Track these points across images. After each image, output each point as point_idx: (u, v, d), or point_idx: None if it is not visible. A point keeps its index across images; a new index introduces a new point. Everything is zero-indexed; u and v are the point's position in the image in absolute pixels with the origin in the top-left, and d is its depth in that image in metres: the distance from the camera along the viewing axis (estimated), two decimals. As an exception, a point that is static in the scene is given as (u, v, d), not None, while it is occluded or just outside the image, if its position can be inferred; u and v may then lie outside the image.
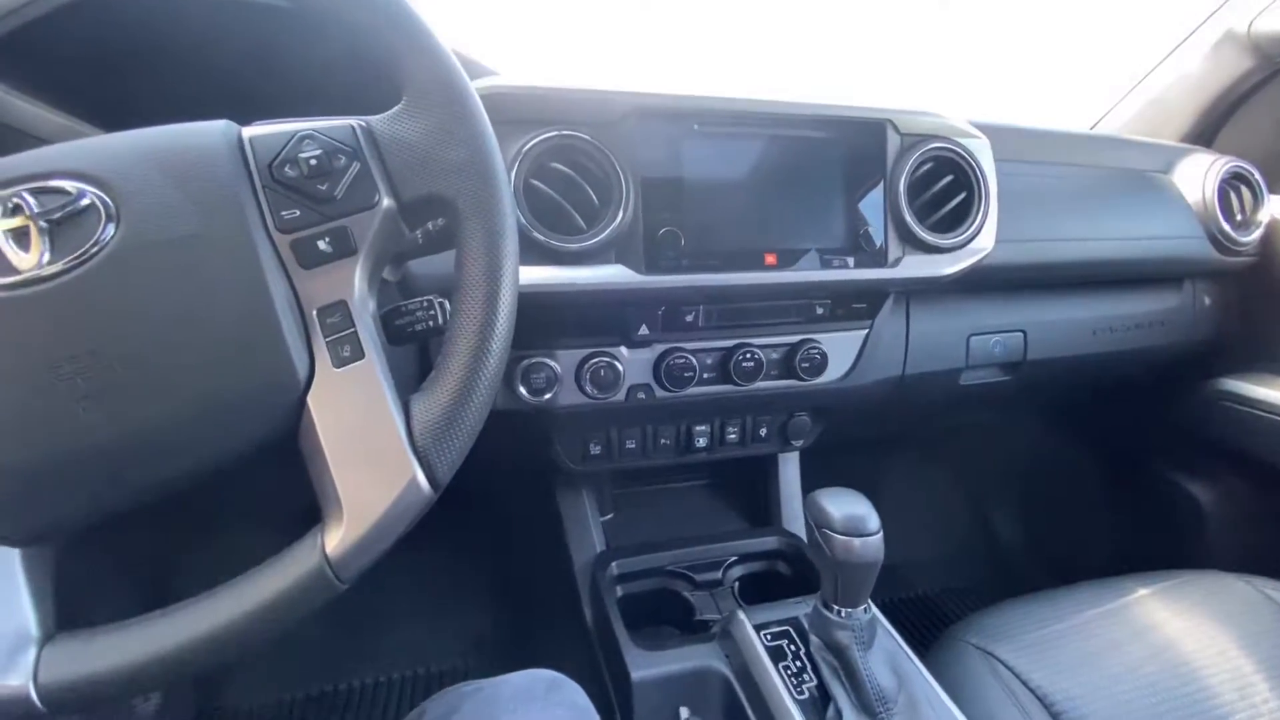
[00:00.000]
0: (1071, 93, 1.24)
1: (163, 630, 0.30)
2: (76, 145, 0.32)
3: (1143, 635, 0.66)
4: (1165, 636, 0.66)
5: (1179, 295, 0.91)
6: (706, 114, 0.58)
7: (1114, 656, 0.63)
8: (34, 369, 0.29)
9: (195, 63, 0.53)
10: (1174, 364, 0.94)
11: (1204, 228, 0.85)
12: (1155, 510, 1.06)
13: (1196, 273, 0.90)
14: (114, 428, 0.29)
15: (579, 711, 0.41)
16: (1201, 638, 0.66)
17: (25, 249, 0.29)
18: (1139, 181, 0.85)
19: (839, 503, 0.52)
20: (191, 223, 0.31)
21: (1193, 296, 0.91)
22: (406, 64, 0.35)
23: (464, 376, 0.34)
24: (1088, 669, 0.62)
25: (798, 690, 0.52)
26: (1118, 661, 0.63)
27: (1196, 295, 0.91)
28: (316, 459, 0.32)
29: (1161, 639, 0.65)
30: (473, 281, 0.35)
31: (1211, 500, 0.99)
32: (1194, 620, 0.67)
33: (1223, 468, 0.99)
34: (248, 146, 0.33)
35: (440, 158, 0.35)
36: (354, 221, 0.34)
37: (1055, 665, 0.62)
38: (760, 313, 0.67)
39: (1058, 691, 0.59)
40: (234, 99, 0.46)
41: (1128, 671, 0.62)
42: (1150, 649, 0.64)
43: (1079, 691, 0.59)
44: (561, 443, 0.71)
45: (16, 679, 0.29)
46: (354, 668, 1.00)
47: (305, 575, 0.31)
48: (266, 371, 0.32)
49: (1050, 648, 0.64)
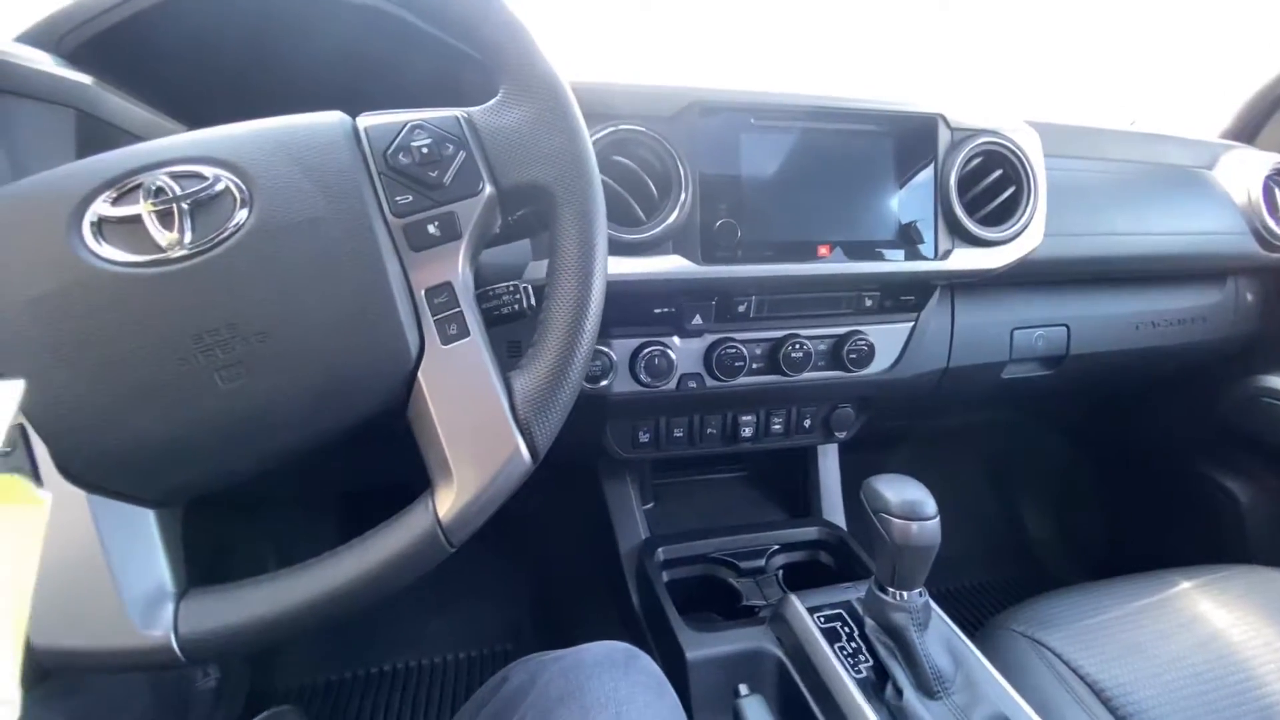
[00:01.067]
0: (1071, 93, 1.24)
1: (291, 586, 0.32)
2: (210, 133, 0.34)
3: (1188, 626, 0.66)
4: (1211, 628, 0.66)
5: (1221, 291, 0.90)
6: (763, 108, 0.60)
7: (1161, 646, 0.64)
8: (178, 340, 0.31)
9: (288, 64, 0.55)
10: (1215, 360, 0.94)
11: (1248, 223, 0.85)
12: (1193, 506, 1.06)
13: (1240, 269, 0.90)
14: (248, 397, 0.32)
15: (658, 681, 0.43)
16: (1247, 629, 0.66)
17: (169, 228, 0.31)
18: (1183, 177, 0.86)
19: (896, 488, 0.53)
20: (317, 206, 0.33)
21: (1235, 292, 0.91)
22: (505, 57, 0.37)
23: (561, 353, 0.36)
24: (1136, 658, 0.62)
25: (855, 670, 0.54)
26: (1165, 651, 0.63)
27: (1239, 291, 0.91)
28: (427, 430, 0.34)
29: (1207, 630, 0.66)
30: (567, 264, 0.36)
31: (1250, 497, 0.99)
32: (1239, 613, 0.68)
33: (1262, 464, 0.99)
34: (363, 135, 0.35)
35: (537, 147, 0.37)
36: (461, 207, 0.35)
37: (1103, 653, 0.63)
38: (810, 304, 0.69)
39: (1108, 678, 0.60)
40: (325, 99, 0.48)
41: (1175, 660, 0.62)
42: (1196, 639, 0.65)
43: (1129, 679, 0.60)
44: (613, 430, 0.73)
45: (158, 630, 0.31)
46: (398, 651, 1.02)
47: (420, 537, 0.33)
48: (383, 347, 0.34)
49: (1097, 637, 0.65)
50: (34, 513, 0.17)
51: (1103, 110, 1.11)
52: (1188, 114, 1.04)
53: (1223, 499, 1.01)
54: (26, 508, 0.17)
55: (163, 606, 0.32)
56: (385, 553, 0.33)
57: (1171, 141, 0.88)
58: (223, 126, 0.35)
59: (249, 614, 0.32)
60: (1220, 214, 0.84)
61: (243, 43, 0.54)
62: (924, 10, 1.29)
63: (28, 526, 0.16)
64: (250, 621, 0.32)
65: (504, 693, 0.42)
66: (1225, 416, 0.98)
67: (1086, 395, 1.08)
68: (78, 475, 0.31)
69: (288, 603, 0.32)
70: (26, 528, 0.16)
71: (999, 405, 1.04)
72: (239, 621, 0.32)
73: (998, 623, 0.69)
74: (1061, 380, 0.86)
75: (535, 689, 0.40)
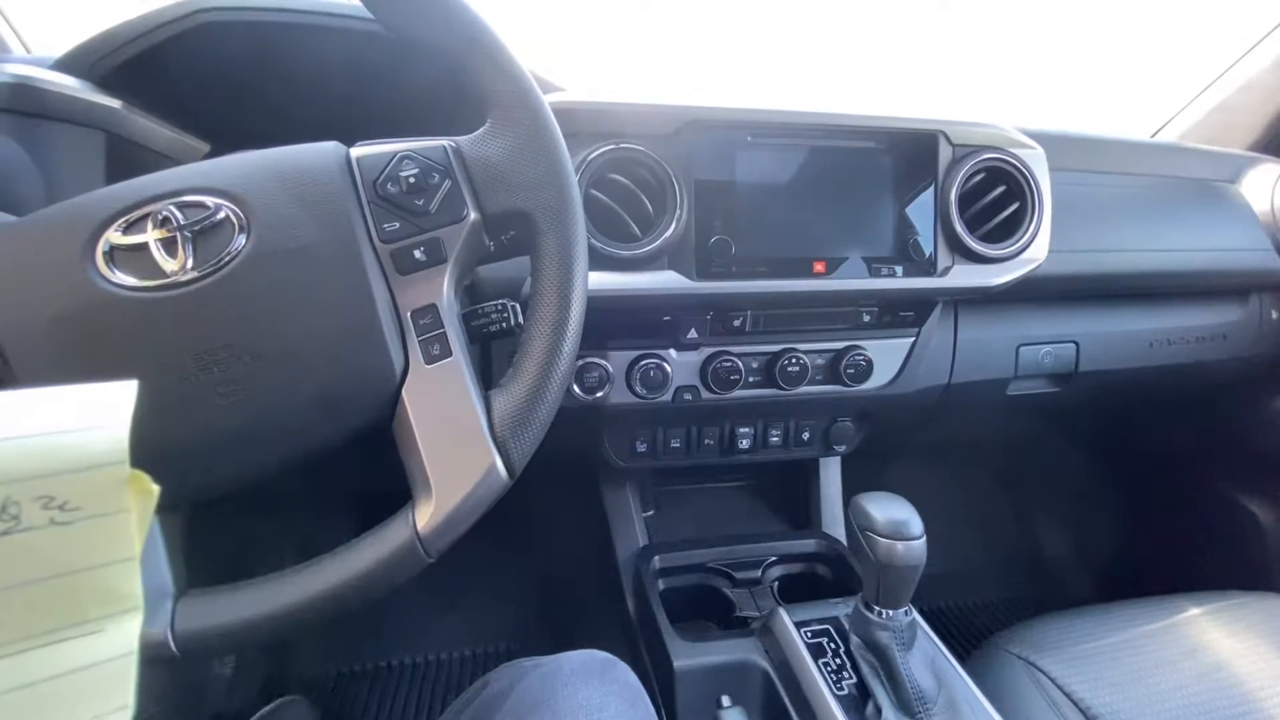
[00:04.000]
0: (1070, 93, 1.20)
1: (279, 591, 0.34)
2: (212, 164, 0.36)
3: (1192, 655, 0.65)
4: (1216, 657, 0.64)
5: (1244, 308, 0.88)
6: (760, 126, 0.60)
7: (1161, 674, 0.63)
8: (180, 358, 0.33)
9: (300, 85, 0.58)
10: (1237, 379, 0.91)
11: (1272, 239, 0.82)
12: (1212, 527, 1.03)
13: (1264, 285, 0.87)
14: (244, 412, 0.34)
15: (632, 691, 0.44)
16: (1255, 660, 0.64)
17: (173, 255, 0.34)
18: (1202, 191, 0.83)
19: (883, 507, 0.53)
20: (309, 233, 0.35)
21: (1259, 309, 0.88)
22: (492, 88, 0.38)
23: (539, 374, 0.37)
24: (1133, 685, 0.61)
25: (837, 686, 0.54)
26: (1165, 679, 0.62)
27: (1263, 308, 0.88)
28: (409, 445, 0.36)
29: (1212, 660, 0.64)
30: (547, 288, 0.38)
31: (1274, 520, 0.95)
32: (1247, 642, 0.66)
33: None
34: (355, 165, 0.37)
35: (519, 175, 0.38)
36: (445, 233, 0.37)
37: (1100, 679, 0.62)
38: (807, 319, 0.69)
39: (1101, 705, 0.59)
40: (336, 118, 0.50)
41: (1175, 690, 0.61)
42: (1200, 669, 0.63)
43: (1123, 706, 0.59)
44: (610, 439, 0.74)
45: (157, 627, 0.34)
46: (407, 646, 1.06)
47: (399, 548, 0.35)
48: (369, 366, 0.36)
49: (1095, 661, 0.64)
50: (151, 500, 0.21)
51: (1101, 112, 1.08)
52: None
53: (1245, 521, 0.98)
54: (147, 496, 0.20)
55: (163, 605, 0.34)
56: (366, 562, 0.35)
57: (1193, 154, 0.86)
58: (227, 158, 0.37)
59: (239, 615, 0.34)
60: (1241, 228, 0.81)
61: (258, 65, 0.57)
62: (924, 10, 1.27)
63: (146, 512, 0.20)
64: (240, 622, 0.34)
65: (484, 698, 0.44)
66: (1248, 437, 0.95)
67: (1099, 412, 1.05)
68: None
69: (274, 606, 0.34)
70: (146, 513, 0.20)
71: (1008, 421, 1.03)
72: (230, 621, 0.34)
73: (994, 643, 0.68)
74: (1071, 397, 0.84)
75: (513, 695, 0.42)
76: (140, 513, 0.20)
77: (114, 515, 0.20)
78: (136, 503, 0.20)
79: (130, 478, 0.20)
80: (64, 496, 0.19)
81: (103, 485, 0.20)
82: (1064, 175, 0.70)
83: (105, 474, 0.20)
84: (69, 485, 0.19)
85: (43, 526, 0.19)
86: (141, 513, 0.20)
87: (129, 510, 0.20)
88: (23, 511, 0.18)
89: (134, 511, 0.20)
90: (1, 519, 0.18)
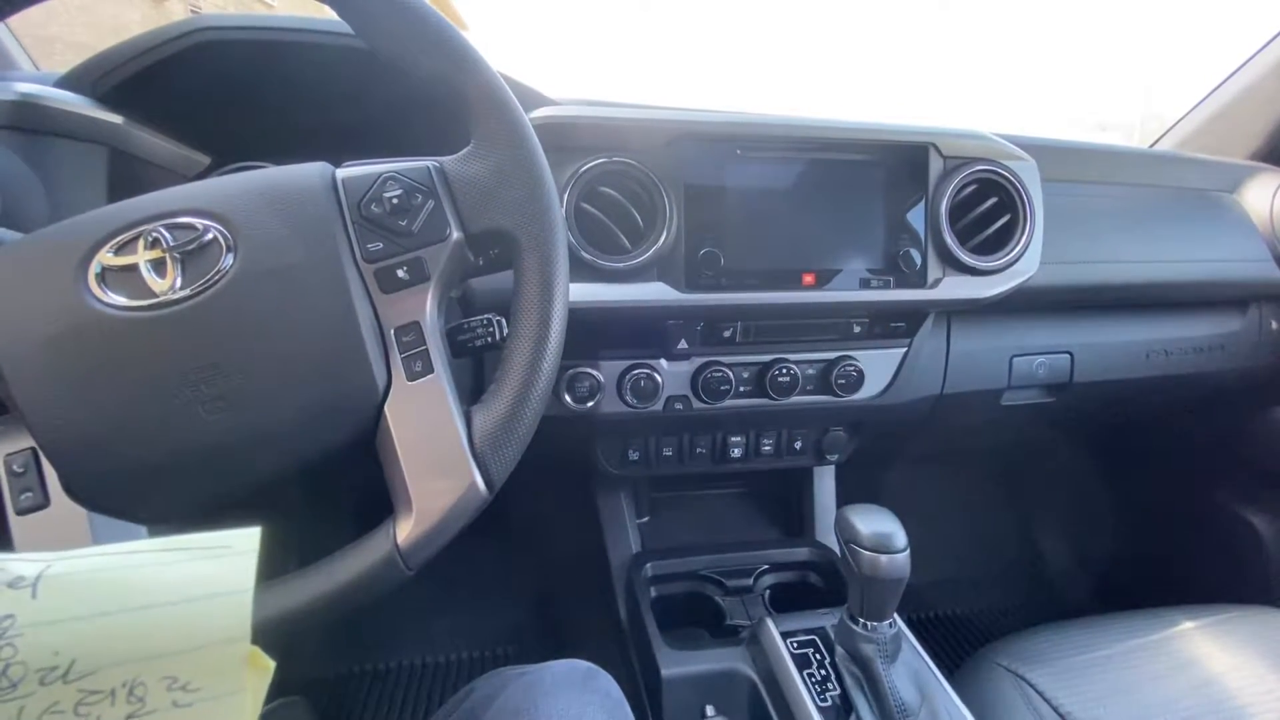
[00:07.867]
0: (1070, 93, 1.19)
1: (262, 603, 0.35)
2: (201, 185, 0.37)
3: (1185, 669, 0.64)
4: (1209, 672, 0.64)
5: (1243, 319, 0.87)
6: (749, 139, 0.61)
7: (1152, 689, 0.62)
8: (168, 377, 0.34)
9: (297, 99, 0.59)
10: (1235, 390, 0.90)
11: (1272, 249, 0.82)
12: (1211, 539, 1.02)
13: (1263, 296, 0.87)
14: (231, 428, 0.35)
15: (612, 701, 0.44)
16: (1249, 675, 0.64)
17: (162, 276, 0.35)
18: (1199, 201, 0.83)
19: (867, 520, 0.54)
20: (295, 253, 0.36)
21: (1259, 320, 0.87)
22: (476, 110, 0.39)
23: (518, 392, 0.38)
24: (1123, 699, 0.61)
25: (821, 698, 0.54)
26: (1155, 694, 0.62)
27: (1263, 319, 0.87)
28: (391, 461, 0.37)
29: (1204, 674, 0.64)
30: (527, 307, 0.39)
31: (1274, 532, 0.95)
32: (1241, 656, 0.66)
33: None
34: (340, 187, 0.38)
35: (501, 196, 0.39)
36: (428, 252, 0.38)
37: (1088, 693, 0.62)
38: (797, 330, 0.69)
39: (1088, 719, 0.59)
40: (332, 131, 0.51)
41: (1166, 705, 0.61)
42: (1191, 684, 0.63)
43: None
44: (602, 448, 0.75)
45: None
46: (405, 648, 1.07)
47: (379, 561, 0.36)
48: (352, 383, 0.36)
49: (1084, 675, 0.64)
50: (266, 676, 0.21)
51: (1102, 109, 1.07)
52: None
53: (1244, 532, 0.97)
54: (264, 673, 0.21)
55: None
56: (347, 574, 0.36)
57: (1190, 163, 0.86)
58: (216, 180, 0.38)
59: None
60: (1239, 239, 0.81)
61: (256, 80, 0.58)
62: (924, 10, 1.27)
63: (261, 690, 0.21)
64: None
65: (467, 706, 0.45)
66: (1247, 448, 0.94)
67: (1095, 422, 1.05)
68: (80, 495, 0.35)
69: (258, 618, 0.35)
70: (260, 691, 0.21)
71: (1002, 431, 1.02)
72: None
73: (983, 655, 0.68)
74: (1066, 408, 0.84)
75: (495, 704, 0.43)
76: (255, 692, 0.20)
77: (233, 696, 0.20)
78: (253, 681, 0.20)
79: (250, 655, 0.20)
80: (187, 676, 0.19)
81: (224, 663, 0.20)
82: (1057, 186, 0.70)
83: (228, 651, 0.20)
84: (192, 663, 0.19)
85: (165, 710, 0.19)
86: (256, 692, 0.20)
87: (245, 690, 0.20)
88: (149, 694, 0.18)
89: (249, 691, 0.20)
90: (129, 701, 0.18)
